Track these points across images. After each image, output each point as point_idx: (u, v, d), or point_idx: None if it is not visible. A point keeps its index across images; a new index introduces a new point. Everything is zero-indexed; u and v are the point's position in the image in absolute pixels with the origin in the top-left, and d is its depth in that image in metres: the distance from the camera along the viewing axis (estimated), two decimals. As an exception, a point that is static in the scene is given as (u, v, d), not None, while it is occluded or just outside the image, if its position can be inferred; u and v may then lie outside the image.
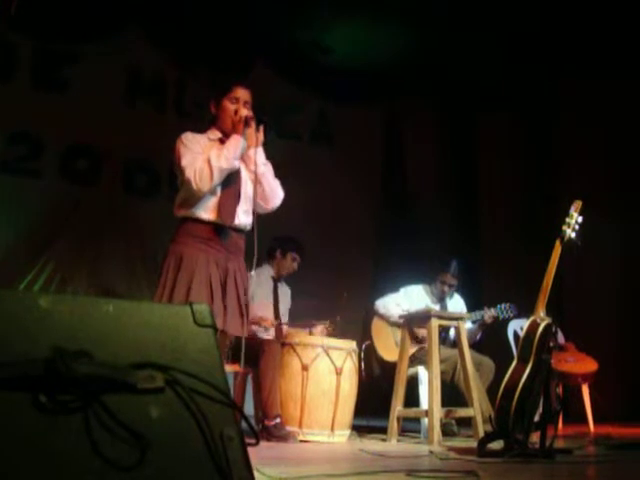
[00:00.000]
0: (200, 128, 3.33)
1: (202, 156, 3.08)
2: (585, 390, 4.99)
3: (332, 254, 6.57)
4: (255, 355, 3.96)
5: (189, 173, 3.04)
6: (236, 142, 3.09)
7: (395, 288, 4.91)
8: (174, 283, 3.03)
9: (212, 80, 5.99)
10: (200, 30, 6.11)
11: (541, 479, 2.34)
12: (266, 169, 3.24)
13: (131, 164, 6.00)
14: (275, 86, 6.70)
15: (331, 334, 4.50)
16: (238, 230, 3.20)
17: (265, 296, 4.70)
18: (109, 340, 1.29)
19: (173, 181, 3.60)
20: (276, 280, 4.79)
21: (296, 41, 6.47)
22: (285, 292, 4.87)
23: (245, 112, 3.16)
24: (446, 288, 4.83)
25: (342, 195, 6.86)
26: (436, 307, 4.77)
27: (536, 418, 2.89)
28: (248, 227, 3.23)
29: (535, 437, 2.89)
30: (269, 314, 4.63)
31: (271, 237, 4.91)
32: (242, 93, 3.23)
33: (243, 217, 3.18)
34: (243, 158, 3.17)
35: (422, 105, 7.32)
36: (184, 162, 3.08)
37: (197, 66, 6.18)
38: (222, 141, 3.19)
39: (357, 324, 6.23)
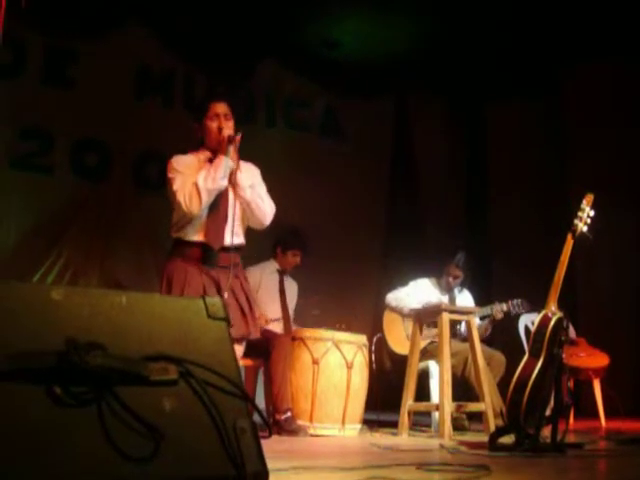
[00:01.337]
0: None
1: (191, 179, 3.14)
2: (596, 385, 4.96)
3: (341, 246, 6.56)
4: (266, 349, 3.97)
5: (180, 197, 3.12)
6: (221, 162, 3.15)
7: (404, 281, 4.90)
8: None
9: (220, 73, 6.00)
10: (208, 24, 6.10)
11: (552, 473, 2.33)
12: (253, 192, 3.24)
13: (140, 158, 6.01)
14: (284, 80, 6.71)
15: None
16: (228, 250, 3.20)
17: (271, 289, 4.70)
18: (122, 332, 1.30)
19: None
20: (282, 273, 4.78)
21: (305, 35, 6.45)
22: (291, 286, 4.85)
23: (228, 131, 3.20)
24: (451, 279, 4.81)
25: (352, 187, 6.85)
26: (444, 299, 4.77)
27: (547, 412, 2.88)
28: (242, 245, 3.28)
29: (546, 431, 2.88)
30: (276, 307, 4.64)
31: (280, 230, 4.91)
32: (220, 107, 3.28)
33: (232, 238, 3.20)
34: (231, 179, 3.17)
35: (431, 97, 7.29)
36: (175, 186, 3.16)
37: (205, 60, 6.18)
38: (212, 160, 3.22)
39: (367, 317, 6.24)
